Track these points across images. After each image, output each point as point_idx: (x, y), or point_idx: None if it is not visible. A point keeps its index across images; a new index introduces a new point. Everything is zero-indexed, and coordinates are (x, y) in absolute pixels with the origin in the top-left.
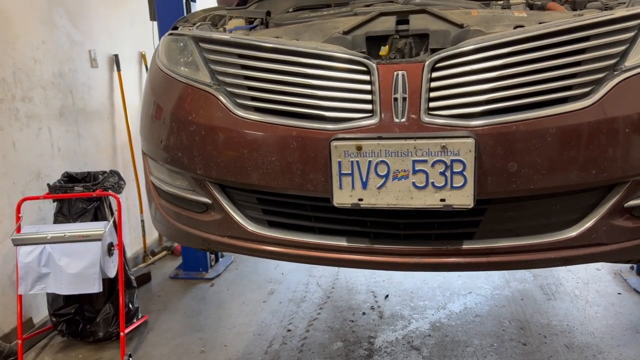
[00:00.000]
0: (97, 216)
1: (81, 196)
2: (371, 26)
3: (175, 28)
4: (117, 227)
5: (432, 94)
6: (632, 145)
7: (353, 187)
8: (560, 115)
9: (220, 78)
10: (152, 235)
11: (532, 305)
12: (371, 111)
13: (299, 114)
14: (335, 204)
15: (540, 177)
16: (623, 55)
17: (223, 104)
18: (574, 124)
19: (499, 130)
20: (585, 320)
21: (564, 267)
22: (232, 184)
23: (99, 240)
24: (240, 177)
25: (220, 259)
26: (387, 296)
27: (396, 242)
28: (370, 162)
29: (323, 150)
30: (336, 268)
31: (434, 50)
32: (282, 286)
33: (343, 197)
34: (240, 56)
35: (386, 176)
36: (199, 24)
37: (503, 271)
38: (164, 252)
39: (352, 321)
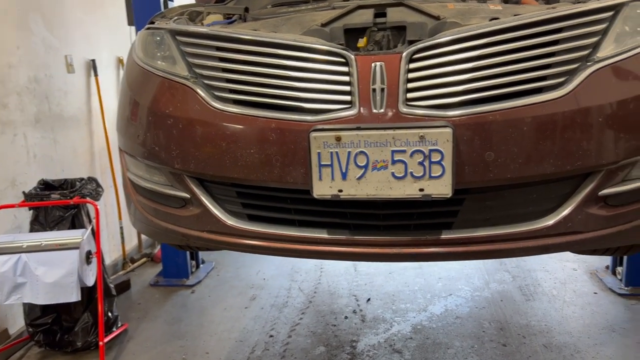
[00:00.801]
0: (75, 224)
1: (58, 204)
2: (349, 19)
3: (152, 23)
4: (95, 234)
5: (410, 85)
6: (604, 135)
7: (333, 178)
8: (535, 105)
9: (198, 71)
10: (132, 242)
11: (512, 306)
12: (350, 102)
13: (278, 105)
14: (315, 196)
15: (516, 166)
16: (595, 46)
17: (201, 97)
18: (549, 113)
19: (476, 120)
20: (563, 320)
21: (541, 268)
22: (211, 177)
23: (77, 248)
24: (219, 170)
25: (201, 265)
26: (369, 299)
27: (376, 233)
28: (349, 152)
29: (302, 142)
30: (318, 272)
31: (411, 42)
32: (264, 291)
33: (323, 188)
34: (218, 49)
35: (365, 167)
36: (176, 18)
37: (483, 273)
38: (144, 259)
39: (335, 325)
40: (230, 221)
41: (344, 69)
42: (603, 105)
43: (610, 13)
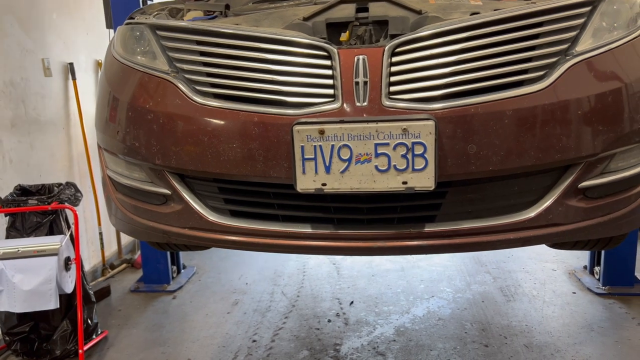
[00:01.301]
0: (53, 230)
1: (35, 209)
2: (331, 13)
3: (132, 19)
4: (74, 240)
5: (393, 78)
6: (582, 127)
7: (316, 172)
8: (515, 98)
9: (179, 65)
10: (111, 247)
11: (493, 307)
12: (333, 96)
13: (260, 99)
14: (299, 190)
15: (498, 159)
16: (574, 40)
17: (181, 91)
18: (529, 106)
19: (458, 113)
20: (543, 320)
21: (522, 269)
22: (192, 173)
23: (55, 254)
24: (201, 165)
25: (183, 271)
26: (352, 302)
27: (360, 227)
28: (332, 146)
29: (285, 136)
30: (301, 276)
31: (393, 37)
32: (247, 296)
33: (306, 182)
34: (199, 43)
35: (349, 160)
36: (155, 13)
37: (464, 275)
38: (124, 265)
39: (318, 329)
40: (212, 217)
41: (327, 62)
42: (581, 98)
43: (588, 8)
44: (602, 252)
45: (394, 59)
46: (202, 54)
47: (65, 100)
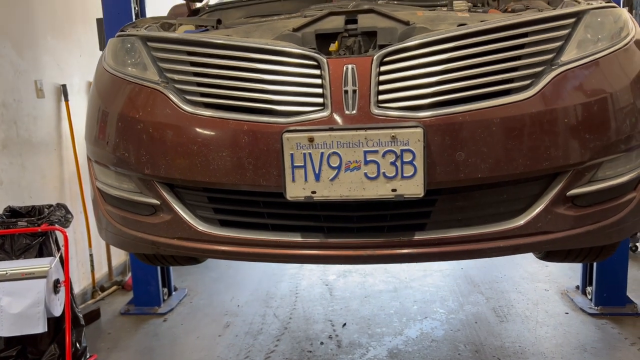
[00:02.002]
0: (43, 252)
1: (25, 231)
2: (321, 24)
3: (123, 31)
4: (64, 262)
5: (382, 87)
6: (569, 135)
7: (306, 180)
8: (502, 106)
9: (169, 75)
10: (102, 269)
11: (486, 328)
12: (322, 104)
13: (250, 108)
14: (289, 198)
15: (486, 166)
16: (559, 51)
17: (171, 101)
18: (516, 114)
19: (446, 121)
20: (536, 340)
21: (514, 289)
22: (182, 182)
23: (44, 277)
24: (191, 174)
25: (174, 293)
26: (344, 324)
27: (350, 235)
28: (322, 153)
29: (275, 144)
30: (293, 297)
31: (382, 47)
32: (238, 319)
33: (296, 190)
34: (190, 53)
35: (338, 167)
36: (147, 26)
37: (457, 295)
38: (114, 287)
39: (310, 351)
40: (200, 227)
41: (316, 71)
42: (567, 107)
43: (572, 20)
44: (594, 272)
45: (383, 68)
46: (193, 64)
47: (58, 122)
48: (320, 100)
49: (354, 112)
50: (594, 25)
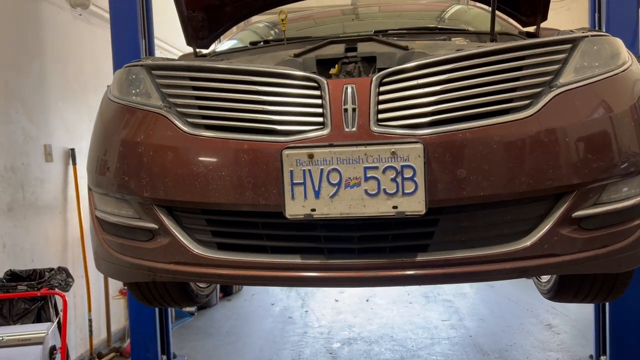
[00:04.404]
0: (41, 317)
1: (24, 296)
2: (321, 51)
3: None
4: (61, 328)
5: (381, 106)
6: (569, 154)
7: (305, 197)
8: (502, 124)
9: (172, 100)
10: (100, 335)
11: None
12: (322, 123)
13: (250, 129)
14: (288, 216)
15: (488, 184)
16: (557, 73)
17: (173, 124)
18: (516, 132)
19: (446, 138)
20: None
21: (525, 358)
22: (181, 204)
23: (40, 343)
24: (190, 195)
25: None
26: None
27: (351, 256)
28: (322, 170)
29: (274, 162)
30: None
31: (381, 71)
32: None
33: (295, 208)
34: (193, 79)
35: (338, 184)
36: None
37: None
38: (112, 354)
39: None
40: (198, 250)
41: (316, 92)
42: (566, 126)
43: (568, 46)
44: (608, 339)
45: (382, 88)
46: (196, 88)
47: (64, 185)
48: (320, 119)
49: (354, 129)
50: (591, 52)
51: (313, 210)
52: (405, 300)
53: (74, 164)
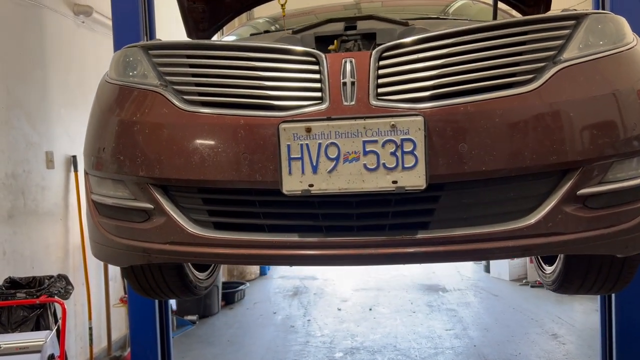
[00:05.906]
0: (39, 325)
1: (23, 303)
2: (320, 29)
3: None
4: (60, 336)
5: (381, 80)
6: (572, 130)
7: (303, 172)
8: (505, 98)
9: (168, 78)
10: (101, 344)
11: None
12: (320, 98)
13: (247, 104)
14: (285, 192)
15: (490, 159)
16: (561, 49)
17: (170, 101)
18: (519, 106)
19: (447, 111)
20: None
21: None
22: (177, 182)
23: (38, 352)
24: (186, 173)
25: None
26: None
27: (350, 234)
28: (320, 144)
29: (272, 137)
30: None
31: None
32: None
33: (293, 183)
34: (189, 56)
35: (337, 159)
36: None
37: None
38: None
39: None
40: (194, 229)
41: (315, 67)
42: (569, 101)
43: (572, 22)
44: (615, 350)
45: (382, 62)
46: (192, 65)
47: (66, 192)
48: (319, 94)
49: (352, 103)
50: (595, 30)
51: (311, 185)
52: (408, 309)
53: (76, 170)
